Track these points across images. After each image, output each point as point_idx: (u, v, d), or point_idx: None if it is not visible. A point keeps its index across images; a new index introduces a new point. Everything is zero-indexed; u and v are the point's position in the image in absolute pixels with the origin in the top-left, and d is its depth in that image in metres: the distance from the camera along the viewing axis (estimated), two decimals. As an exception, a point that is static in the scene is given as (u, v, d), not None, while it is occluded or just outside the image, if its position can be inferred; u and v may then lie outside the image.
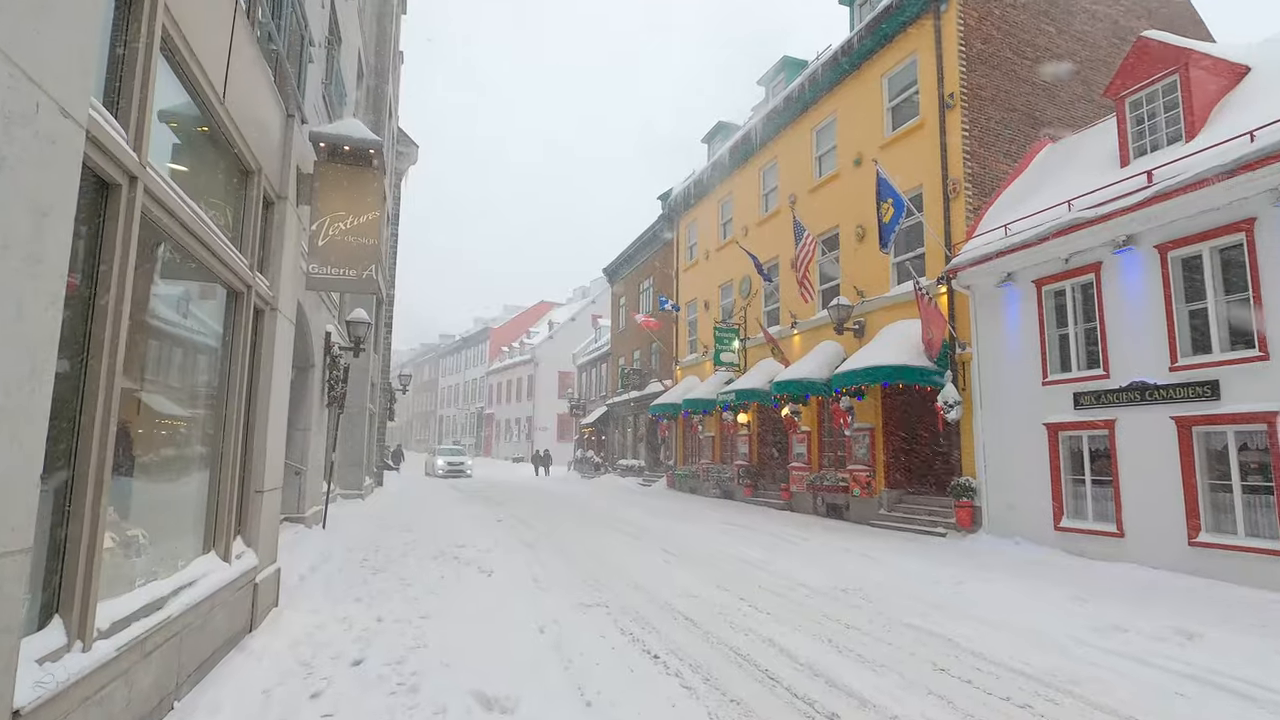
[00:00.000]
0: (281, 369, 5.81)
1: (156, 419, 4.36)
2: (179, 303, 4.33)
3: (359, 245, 6.11)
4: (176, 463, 4.64)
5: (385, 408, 23.56)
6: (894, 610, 7.07)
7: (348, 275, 6.10)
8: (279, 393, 5.78)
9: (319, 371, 11.41)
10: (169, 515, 4.51)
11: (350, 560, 8.92)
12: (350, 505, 15.44)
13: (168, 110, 3.85)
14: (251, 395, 5.36)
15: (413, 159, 23.79)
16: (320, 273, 6.03)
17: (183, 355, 4.64)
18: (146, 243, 3.49)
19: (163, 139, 3.91)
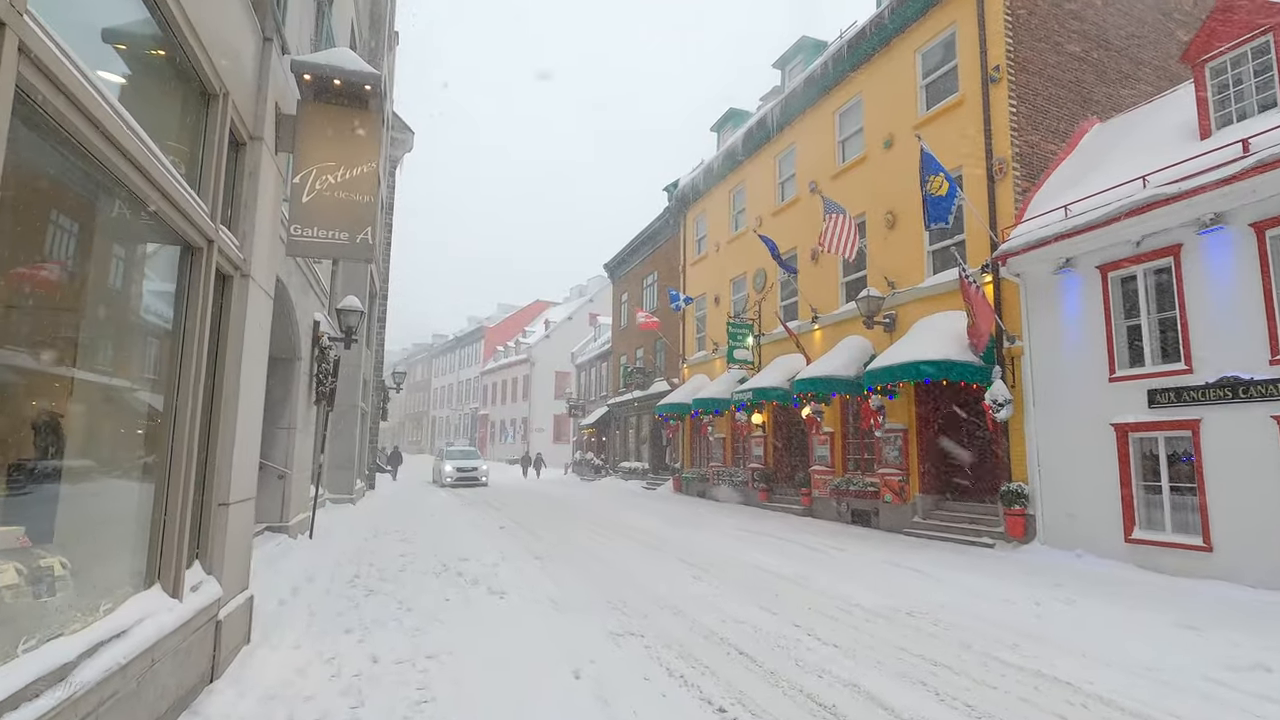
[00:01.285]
0: (256, 352, 4.71)
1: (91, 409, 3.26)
2: (112, 252, 3.23)
3: (351, 203, 5.02)
4: (116, 468, 3.55)
5: (378, 407, 22.39)
6: (977, 640, 6.04)
7: (338, 239, 5.00)
8: (252, 382, 4.68)
9: (306, 364, 10.29)
10: (103, 536, 3.41)
11: (340, 578, 7.80)
12: (340, 511, 14.29)
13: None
14: (216, 384, 4.26)
15: (408, 146, 22.65)
16: (304, 235, 4.93)
17: (124, 327, 3.55)
18: (42, 146, 2.40)
19: (83, 35, 2.82)
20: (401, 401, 71.98)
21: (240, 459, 4.48)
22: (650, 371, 27.30)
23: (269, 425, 9.65)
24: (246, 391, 4.53)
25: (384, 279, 21.65)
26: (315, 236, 4.95)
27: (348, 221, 5.01)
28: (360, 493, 17.98)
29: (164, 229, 3.47)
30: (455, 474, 25.44)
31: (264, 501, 9.33)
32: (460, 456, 27.00)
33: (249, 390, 4.61)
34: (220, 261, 4.06)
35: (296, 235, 4.95)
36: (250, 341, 4.53)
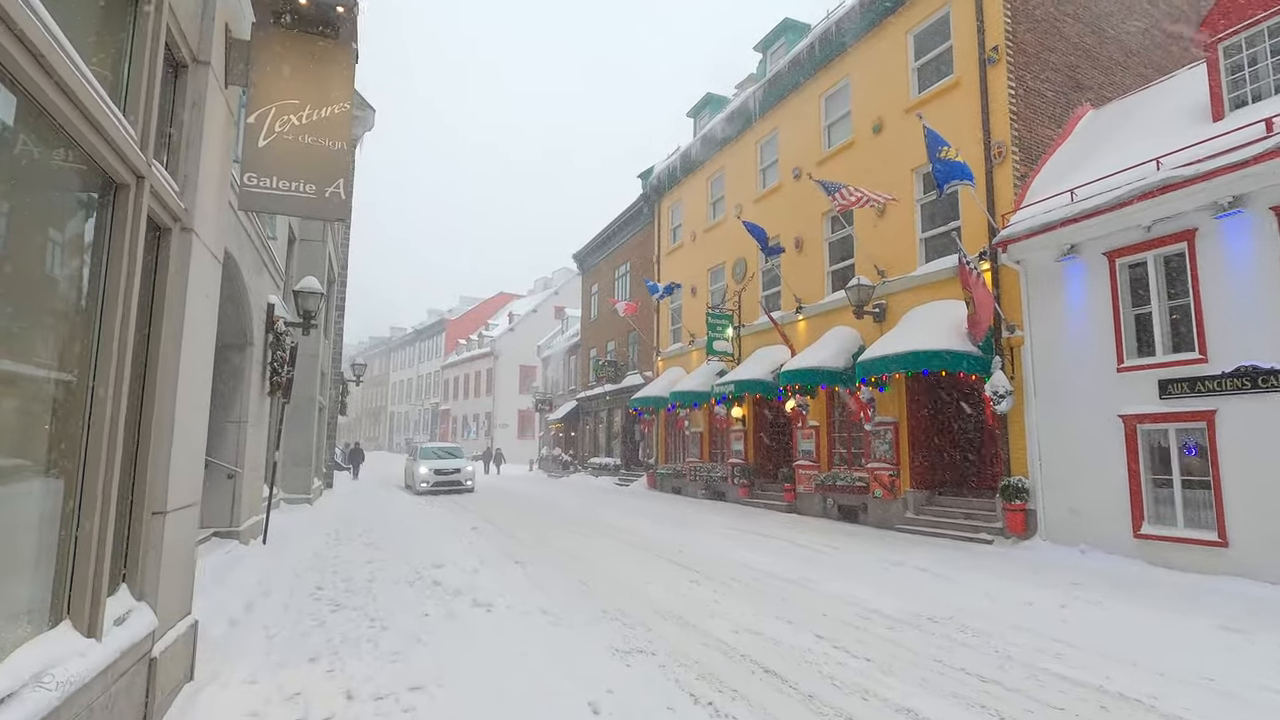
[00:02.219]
0: (201, 326, 3.86)
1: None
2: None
3: (319, 150, 4.18)
4: (8, 472, 2.69)
5: (336, 400, 21.18)
6: (1015, 649, 5.54)
7: (303, 192, 4.16)
8: (197, 363, 3.83)
9: (259, 351, 9.29)
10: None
11: (300, 590, 6.92)
12: (297, 512, 13.23)
13: None
14: (150, 364, 3.41)
15: (368, 124, 21.37)
16: (260, 186, 4.08)
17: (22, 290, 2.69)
18: None
19: None
20: (358, 397, 69.73)
21: (181, 457, 3.64)
22: (622, 364, 26.59)
23: (217, 418, 8.65)
24: (190, 374, 3.69)
25: (343, 264, 20.44)
26: (275, 188, 4.10)
27: (315, 171, 4.17)
28: (318, 492, 16.85)
29: (77, 155, 2.63)
30: (433, 478, 20.20)
31: (212, 504, 8.36)
32: (438, 456, 21.75)
33: (192, 373, 3.76)
34: (154, 208, 3.21)
35: (252, 186, 4.10)
36: (194, 312, 3.68)
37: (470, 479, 20.98)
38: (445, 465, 20.72)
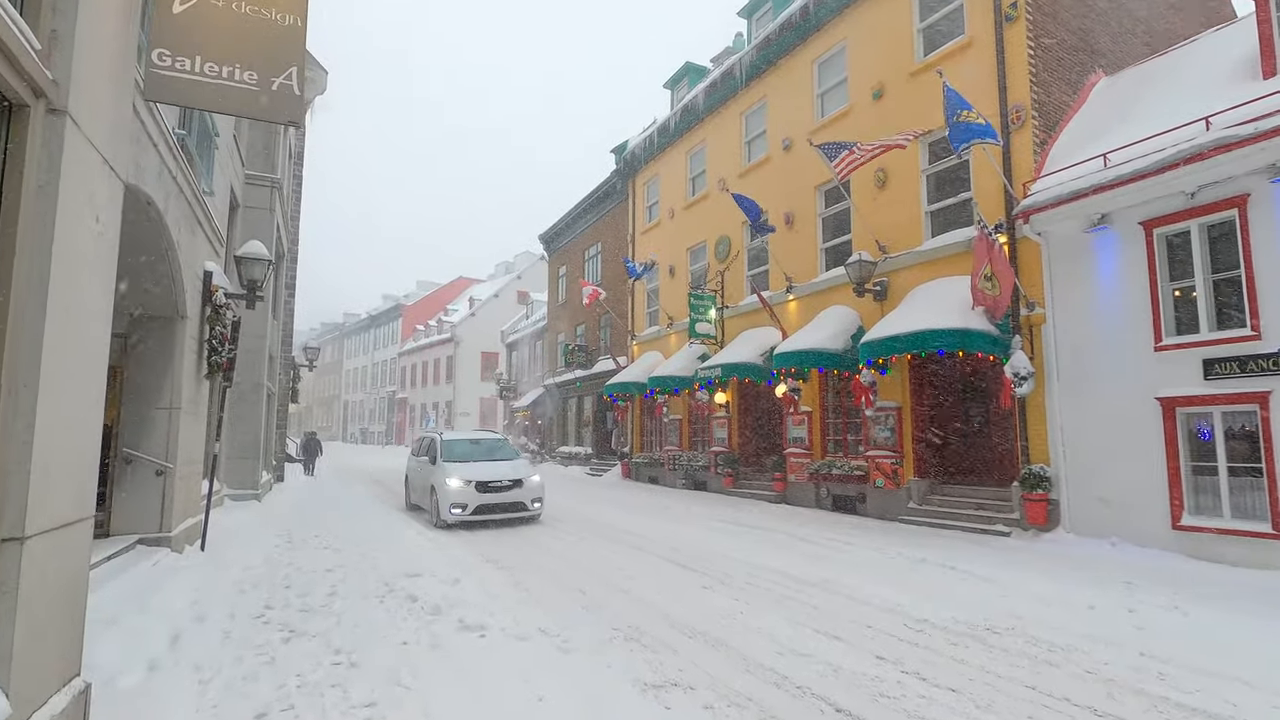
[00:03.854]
0: (83, 266, 2.64)
1: None
2: None
3: (262, 24, 2.97)
4: None
5: (287, 386, 19.52)
6: (1110, 670, 4.73)
7: (241, 82, 2.95)
8: (77, 319, 2.63)
9: (195, 326, 7.91)
10: None
11: (244, 612, 5.69)
12: (242, 511, 11.80)
13: None
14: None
15: (320, 87, 19.62)
16: (177, 69, 2.86)
17: None
18: None
19: None
20: (310, 385, 66.86)
21: (57, 454, 2.44)
22: (593, 349, 25.45)
23: (142, 404, 7.29)
24: (69, 336, 2.49)
25: (294, 239, 18.76)
26: (200, 73, 2.89)
27: (257, 54, 2.97)
28: (267, 487, 15.33)
29: None
30: (473, 498, 11.04)
31: (136, 506, 7.03)
32: (473, 455, 12.33)
33: (74, 334, 2.55)
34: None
35: (164, 67, 2.87)
36: (73, 243, 2.48)
37: (537, 497, 11.64)
38: (493, 474, 11.30)
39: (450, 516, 10.89)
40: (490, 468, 11.61)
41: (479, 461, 11.90)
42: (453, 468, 11.38)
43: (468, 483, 11.03)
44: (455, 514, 10.90)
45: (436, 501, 11.17)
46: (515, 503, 11.32)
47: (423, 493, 12.37)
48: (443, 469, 11.41)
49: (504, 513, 11.25)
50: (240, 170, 12.68)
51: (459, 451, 12.27)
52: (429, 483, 11.77)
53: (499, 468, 11.68)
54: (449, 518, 10.89)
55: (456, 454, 12.13)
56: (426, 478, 12.03)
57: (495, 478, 11.25)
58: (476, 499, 10.97)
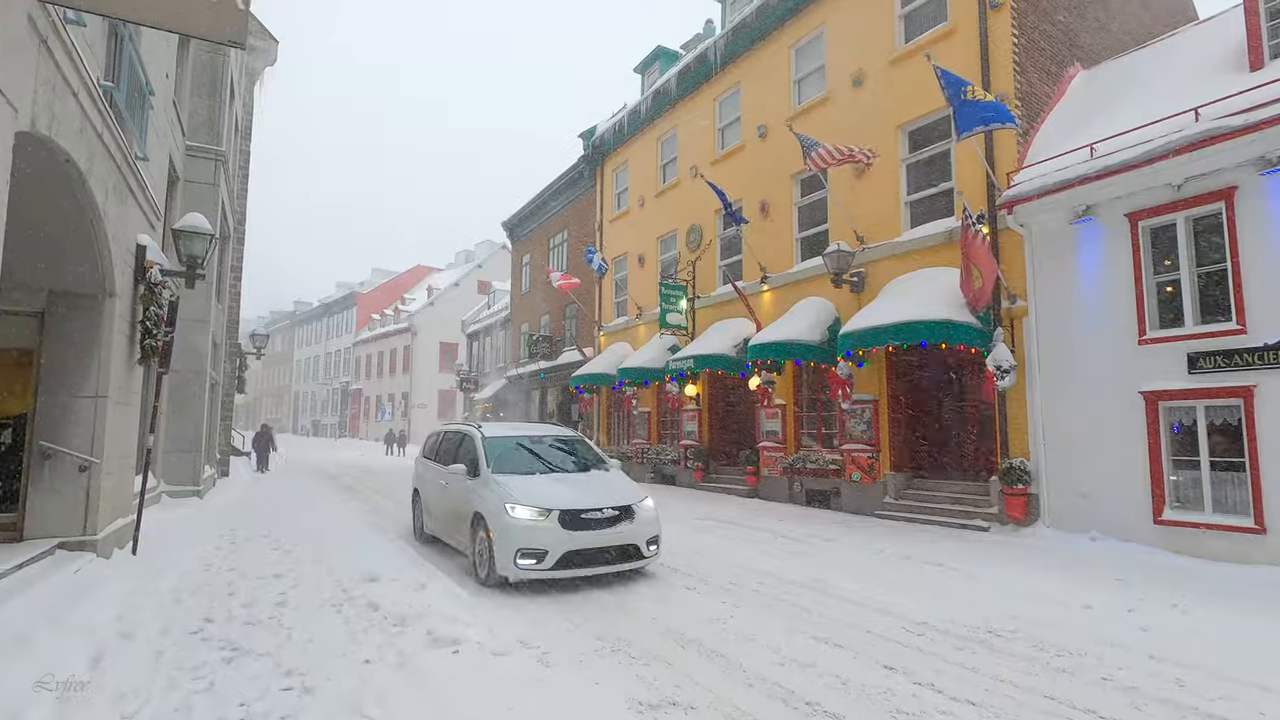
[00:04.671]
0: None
1: None
2: None
3: (198, -81, 2.40)
4: None
5: (233, 375, 18.42)
6: (1128, 676, 4.51)
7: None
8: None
9: (125, 305, 7.12)
10: None
11: (179, 625, 5.03)
12: (182, 508, 10.94)
13: None
14: None
15: (270, 58, 18.54)
16: (85, -36, 2.27)
17: None
18: None
19: None
20: (259, 375, 64.43)
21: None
22: (558, 340, 24.83)
23: (63, 392, 6.51)
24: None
25: (240, 218, 17.65)
26: (113, -28, 2.30)
27: (189, -46, 2.38)
28: (210, 482, 14.38)
29: None
30: (561, 539, 6.52)
31: (54, 507, 6.28)
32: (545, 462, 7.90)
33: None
34: None
35: (66, -38, 2.27)
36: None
37: (654, 534, 7.15)
38: (586, 498, 6.99)
39: (518, 570, 6.34)
40: (576, 486, 7.16)
41: (550, 473, 7.51)
42: (516, 487, 6.86)
43: (545, 513, 6.48)
44: (527, 567, 6.35)
45: (489, 543, 6.58)
46: (624, 546, 6.73)
47: (454, 522, 7.74)
48: (497, 488, 6.89)
49: (607, 564, 6.64)
50: (181, 141, 11.71)
51: (516, 458, 7.65)
52: (469, 508, 7.16)
53: (589, 486, 7.24)
54: (516, 571, 6.35)
55: (512, 462, 7.52)
56: (463, 499, 7.40)
57: (590, 504, 6.71)
58: (564, 541, 6.42)
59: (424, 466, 9.35)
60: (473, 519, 7.06)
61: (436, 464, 8.70)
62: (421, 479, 9.39)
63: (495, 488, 6.94)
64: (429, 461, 9.17)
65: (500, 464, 7.44)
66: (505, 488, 6.88)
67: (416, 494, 9.57)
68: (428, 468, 9.11)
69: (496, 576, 6.57)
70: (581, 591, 6.53)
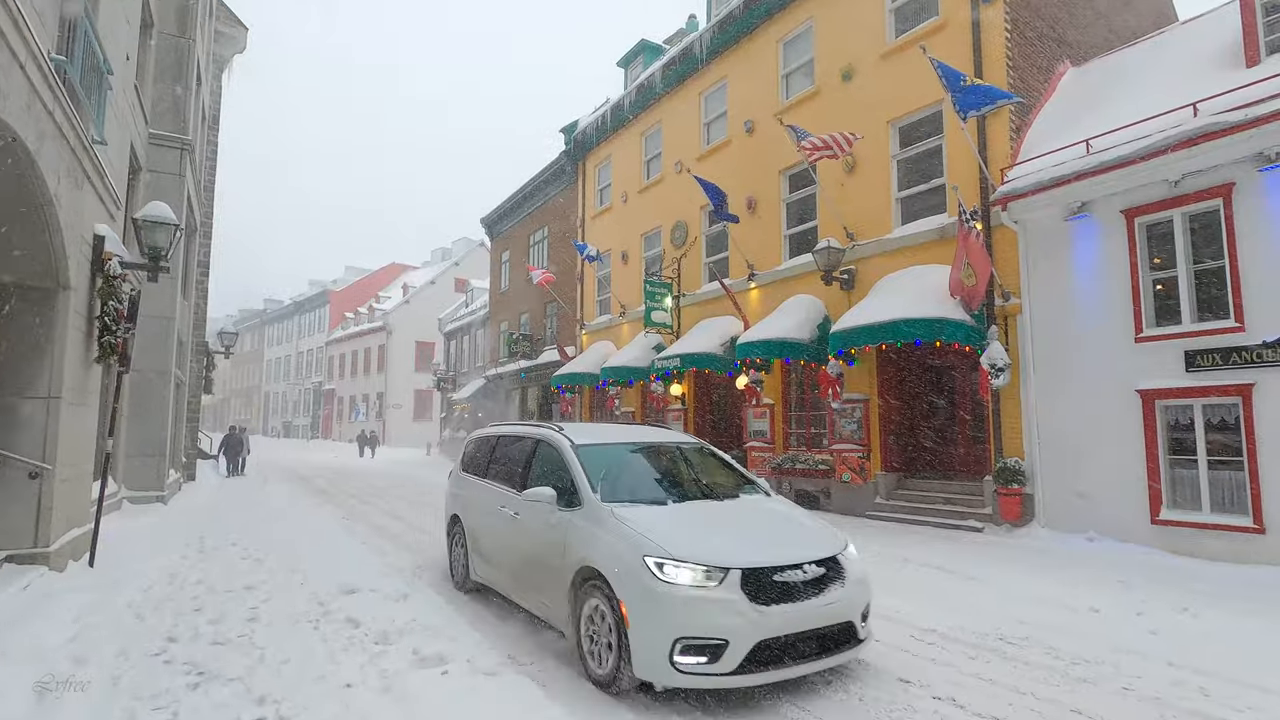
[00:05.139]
0: None
1: None
2: None
3: None
4: None
5: (199, 375, 17.74)
6: (1149, 686, 4.37)
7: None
8: None
9: (82, 300, 6.64)
10: None
11: (139, 646, 4.61)
12: (145, 515, 10.38)
13: None
14: None
15: (239, 45, 17.90)
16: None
17: None
18: None
19: None
20: (227, 375, 62.90)
21: None
22: (539, 339, 24.42)
23: (10, 392, 6.03)
24: None
25: (208, 212, 16.98)
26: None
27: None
28: (175, 487, 13.77)
29: None
30: (751, 620, 3.80)
31: (6, 515, 5.79)
32: (677, 488, 5.22)
33: None
34: None
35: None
36: None
37: (866, 603, 4.41)
38: (775, 553, 4.19)
39: (678, 672, 3.83)
40: (743, 527, 4.68)
41: (687, 502, 4.97)
42: (655, 528, 4.31)
43: (717, 575, 3.97)
44: (694, 667, 3.84)
45: (616, 621, 4.07)
46: (840, 627, 4.25)
47: (532, 576, 5.18)
48: (621, 530, 4.35)
49: (816, 657, 4.12)
50: (143, 128, 11.13)
51: (632, 480, 5.12)
52: (568, 558, 4.63)
53: (760, 525, 4.75)
54: (672, 674, 3.84)
55: (628, 486, 4.99)
56: (553, 542, 4.86)
57: (782, 558, 4.20)
58: (754, 624, 3.88)
59: (467, 485, 6.64)
60: (576, 577, 4.40)
61: (492, 484, 6.07)
62: (465, 503, 6.56)
63: (619, 529, 4.26)
64: (475, 479, 6.50)
65: (612, 489, 4.74)
66: (638, 530, 4.18)
67: (456, 523, 6.70)
68: (475, 487, 6.46)
69: (631, 679, 3.91)
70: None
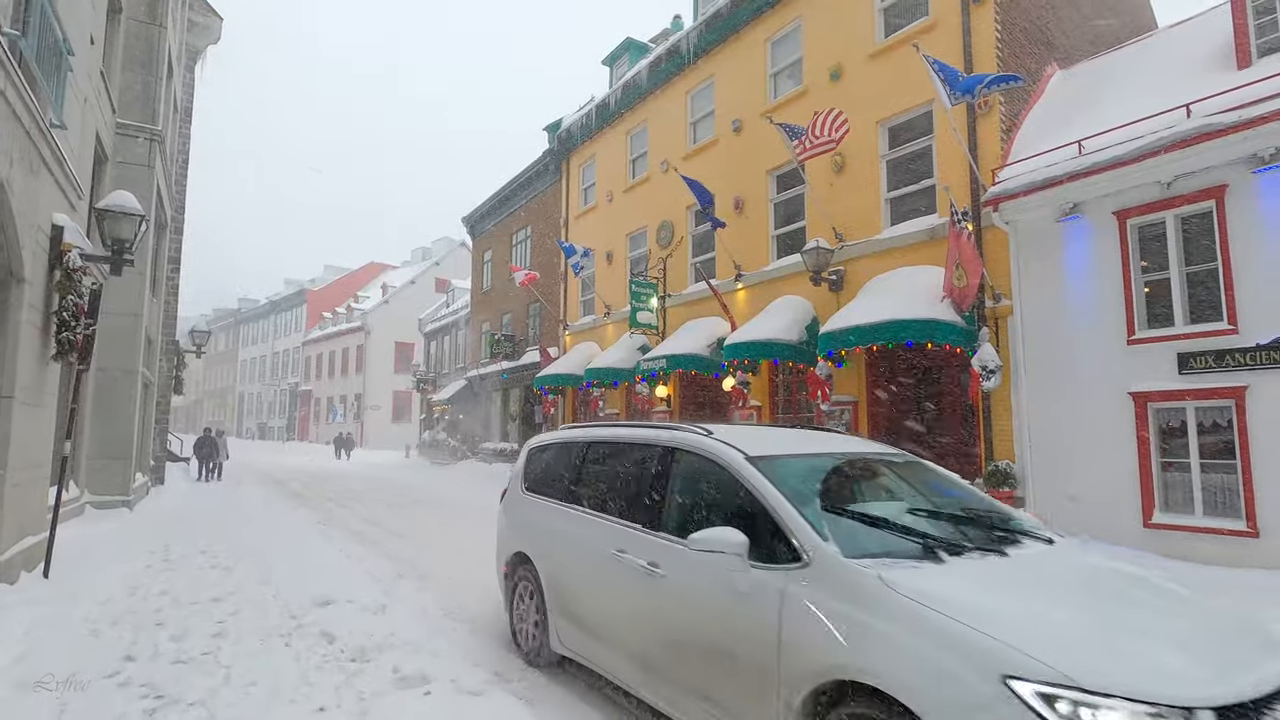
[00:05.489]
0: None
1: None
2: None
3: None
4: None
5: (169, 375, 17.17)
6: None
7: None
8: None
9: (38, 293, 6.25)
10: None
11: (93, 667, 4.27)
12: (108, 521, 9.92)
13: None
14: None
15: (213, 36, 17.39)
16: None
17: None
18: None
19: None
20: (200, 375, 61.53)
21: None
22: (521, 339, 24.07)
23: (-43, 392, 5.62)
24: None
25: (179, 205, 16.44)
26: None
27: None
28: (142, 491, 13.25)
29: None
30: None
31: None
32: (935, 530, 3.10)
33: None
34: None
35: None
36: None
37: None
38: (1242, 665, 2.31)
39: None
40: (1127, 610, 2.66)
41: (969, 555, 2.92)
42: (1008, 623, 2.33)
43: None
44: None
45: None
46: None
47: (693, 669, 3.25)
48: (933, 622, 2.38)
49: None
50: (110, 117, 10.67)
51: (871, 525, 3.07)
52: (802, 655, 2.69)
53: (1156, 608, 2.74)
54: None
55: (870, 534, 3.00)
56: (749, 625, 2.95)
57: (1260, 684, 2.24)
58: None
59: (540, 512, 4.85)
60: (812, 696, 2.66)
61: (591, 514, 4.29)
62: (539, 538, 4.75)
63: (912, 613, 2.47)
64: (555, 505, 4.71)
65: (851, 536, 2.97)
66: (958, 617, 2.38)
67: (523, 565, 4.85)
68: (556, 516, 4.63)
69: None
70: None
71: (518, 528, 5.09)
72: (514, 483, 5.46)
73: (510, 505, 5.38)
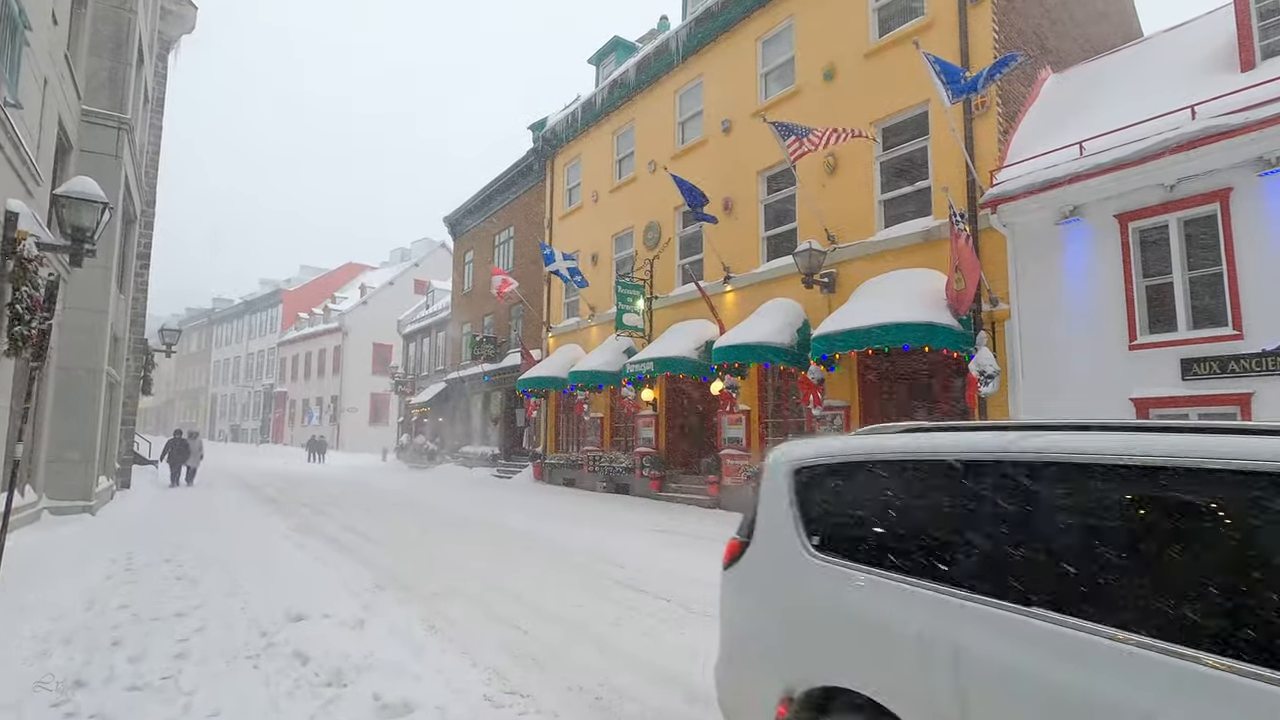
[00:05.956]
0: None
1: None
2: None
3: None
4: None
5: (137, 375, 16.50)
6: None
7: None
8: None
9: (-13, 284, 5.78)
10: None
11: (37, 696, 3.84)
12: (67, 527, 9.36)
13: None
14: None
15: (187, 25, 16.82)
16: None
17: None
18: None
19: None
20: (171, 376, 60.01)
21: None
22: (503, 341, 23.65)
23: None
24: None
25: (149, 199, 15.83)
26: None
27: None
28: (107, 495, 12.64)
29: None
30: None
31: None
32: None
33: None
34: None
35: None
36: None
37: None
38: None
39: None
40: None
41: None
42: None
43: None
44: None
45: None
46: None
47: None
48: None
49: None
50: (75, 104, 10.15)
51: None
52: None
53: None
54: None
55: None
56: None
57: None
58: None
59: (888, 600, 2.22)
60: None
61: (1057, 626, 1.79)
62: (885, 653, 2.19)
63: None
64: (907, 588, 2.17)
65: None
66: None
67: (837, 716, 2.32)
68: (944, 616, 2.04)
69: None
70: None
71: (805, 628, 2.53)
72: (770, 532, 2.78)
73: (772, 580, 2.73)
